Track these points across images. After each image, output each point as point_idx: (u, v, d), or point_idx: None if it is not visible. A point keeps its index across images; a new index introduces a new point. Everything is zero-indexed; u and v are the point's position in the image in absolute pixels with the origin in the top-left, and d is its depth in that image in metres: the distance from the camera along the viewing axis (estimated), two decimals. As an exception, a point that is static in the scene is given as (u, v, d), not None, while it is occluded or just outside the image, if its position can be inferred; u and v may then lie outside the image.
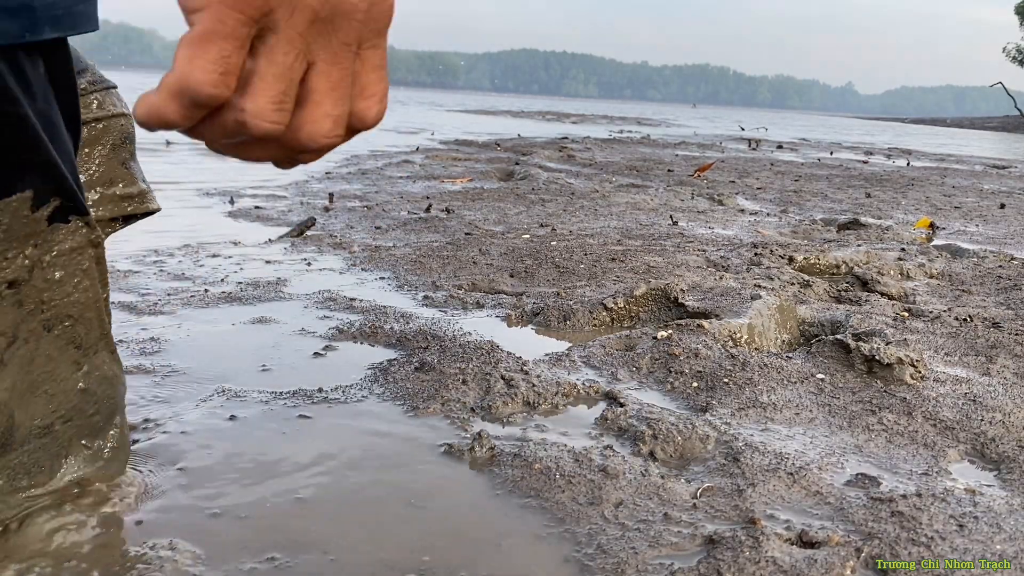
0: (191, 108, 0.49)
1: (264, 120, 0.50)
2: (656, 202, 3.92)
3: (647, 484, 1.01)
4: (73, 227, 0.79)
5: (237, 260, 2.25)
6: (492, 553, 0.86)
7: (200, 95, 0.48)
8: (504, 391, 1.28)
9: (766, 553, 0.84)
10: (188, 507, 0.91)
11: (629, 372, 1.43)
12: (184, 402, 1.21)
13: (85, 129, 1.00)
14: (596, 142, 8.84)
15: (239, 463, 1.02)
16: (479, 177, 4.71)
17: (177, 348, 1.46)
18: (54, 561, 0.78)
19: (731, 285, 1.94)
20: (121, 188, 1.05)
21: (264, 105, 0.49)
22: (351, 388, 1.30)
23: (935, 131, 28.20)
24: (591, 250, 2.50)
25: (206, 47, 0.47)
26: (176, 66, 0.48)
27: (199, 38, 0.47)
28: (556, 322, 1.75)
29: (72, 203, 0.77)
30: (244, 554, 0.83)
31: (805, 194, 4.77)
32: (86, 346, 0.84)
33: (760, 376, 1.39)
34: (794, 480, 1.03)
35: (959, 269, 2.49)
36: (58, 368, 0.81)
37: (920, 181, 6.15)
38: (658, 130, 14.15)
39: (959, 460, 1.16)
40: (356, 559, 0.83)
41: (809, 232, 3.27)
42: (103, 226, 1.05)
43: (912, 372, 1.41)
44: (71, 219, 0.78)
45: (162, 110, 0.48)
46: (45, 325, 0.80)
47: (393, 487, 0.99)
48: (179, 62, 0.48)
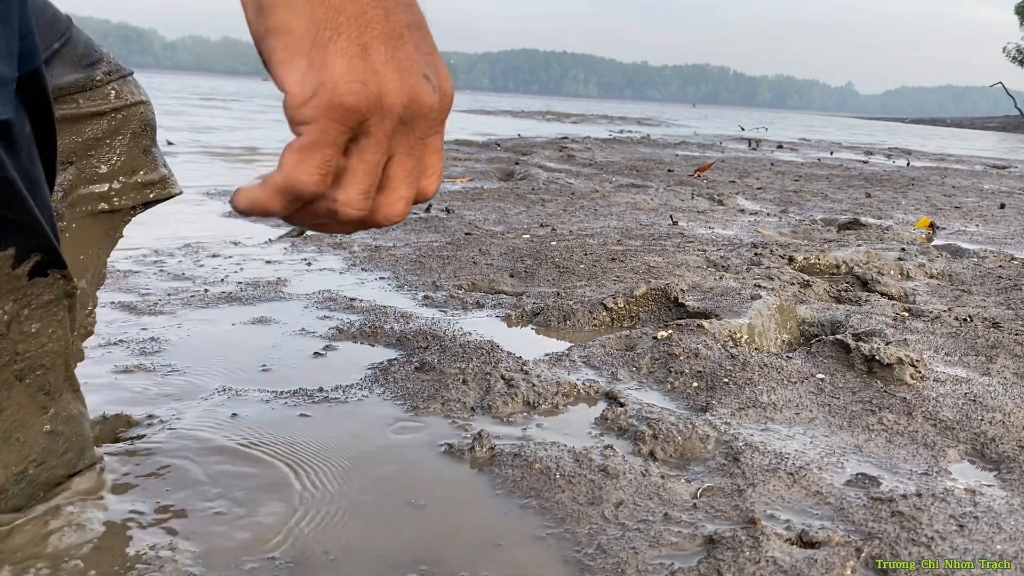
0: (292, 202, 0.58)
1: (353, 208, 0.59)
2: (656, 202, 3.92)
3: (647, 484, 1.01)
4: (51, 280, 0.79)
5: (237, 260, 2.25)
6: (492, 553, 0.86)
7: (304, 193, 0.57)
8: (504, 391, 1.28)
9: (766, 553, 0.84)
10: (188, 507, 0.91)
11: (629, 372, 1.43)
12: (184, 402, 1.21)
13: (104, 120, 1.00)
14: (596, 142, 8.84)
15: (239, 463, 1.02)
16: (479, 177, 4.71)
17: (177, 348, 1.46)
18: (51, 563, 0.78)
19: (731, 285, 1.94)
20: (143, 175, 1.05)
21: (354, 196, 0.58)
22: (351, 388, 1.30)
23: (935, 131, 28.21)
24: (591, 250, 2.50)
25: (312, 153, 0.56)
26: (283, 168, 0.56)
27: (306, 146, 0.56)
28: (556, 322, 1.75)
29: (52, 257, 0.78)
30: (244, 554, 0.83)
31: (805, 194, 4.77)
32: (53, 391, 0.84)
33: (760, 376, 1.39)
34: (794, 480, 1.03)
35: (959, 269, 2.49)
36: (28, 415, 0.81)
37: (920, 181, 6.15)
38: (658, 130, 14.15)
39: (959, 460, 1.16)
40: (356, 558, 0.83)
41: (809, 232, 3.27)
42: (123, 214, 1.05)
43: (912, 372, 1.41)
44: (49, 272, 0.79)
45: (266, 204, 0.58)
46: (17, 375, 0.80)
47: (393, 487, 0.99)
48: (287, 165, 0.56)
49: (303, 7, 0.55)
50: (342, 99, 0.55)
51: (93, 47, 1.00)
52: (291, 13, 0.54)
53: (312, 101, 0.55)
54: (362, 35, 0.56)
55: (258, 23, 0.56)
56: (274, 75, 0.56)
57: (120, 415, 1.13)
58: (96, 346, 1.43)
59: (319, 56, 0.55)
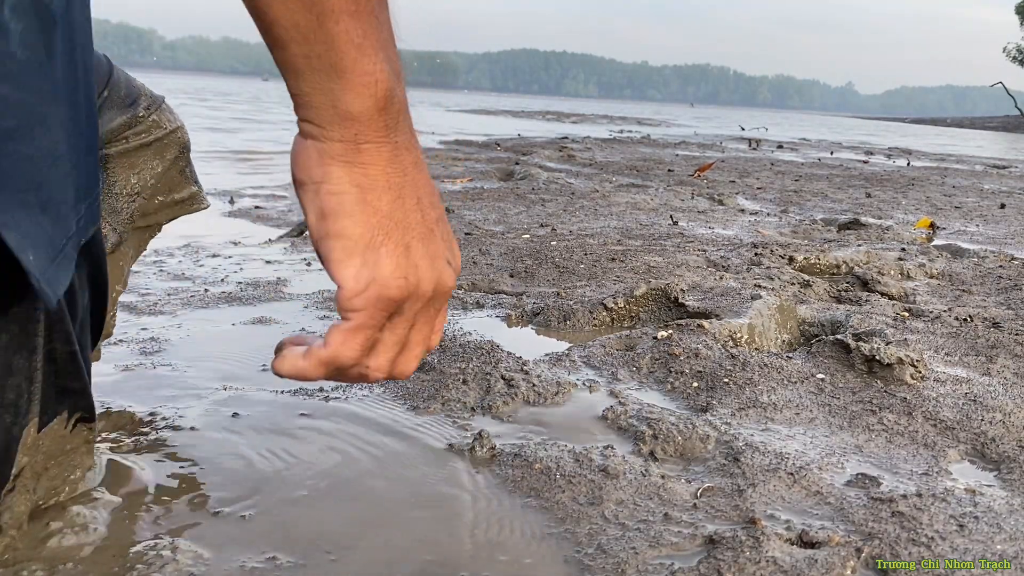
0: (333, 372, 0.68)
1: (382, 373, 0.69)
2: (656, 202, 3.92)
3: (647, 484, 1.01)
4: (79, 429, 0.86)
5: (237, 260, 2.25)
6: (493, 552, 0.86)
7: (345, 365, 0.67)
8: (504, 391, 1.28)
9: (766, 553, 0.84)
10: (189, 507, 0.91)
11: (629, 372, 1.43)
12: (184, 402, 1.21)
13: (150, 150, 1.08)
14: (596, 142, 8.84)
15: (240, 463, 1.02)
16: (479, 177, 4.71)
17: (177, 348, 1.46)
18: (48, 565, 0.78)
19: (731, 285, 1.94)
20: (178, 194, 1.13)
21: (383, 363, 0.69)
22: (351, 387, 1.30)
23: (935, 131, 28.20)
24: (591, 250, 2.49)
25: (357, 335, 0.66)
26: (331, 345, 0.66)
27: (354, 329, 0.66)
28: (556, 322, 1.75)
29: (88, 415, 0.86)
30: (246, 553, 0.83)
31: (805, 194, 4.77)
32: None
33: (760, 376, 1.39)
34: (794, 480, 1.03)
35: (959, 269, 2.49)
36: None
37: (920, 181, 6.15)
38: (658, 130, 14.15)
39: (959, 460, 1.16)
40: (357, 558, 0.83)
41: (809, 232, 3.27)
42: (153, 230, 1.14)
43: (912, 372, 1.41)
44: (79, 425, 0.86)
45: (310, 374, 0.67)
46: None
47: (394, 487, 0.99)
48: (334, 343, 0.66)
49: (361, 216, 0.64)
50: (390, 292, 0.65)
51: (132, 84, 1.06)
52: (351, 221, 0.64)
53: (364, 294, 0.64)
54: (404, 236, 0.66)
55: (320, 227, 0.64)
56: (330, 270, 0.65)
57: (123, 412, 1.13)
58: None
59: (372, 256, 0.64)
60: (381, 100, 0.63)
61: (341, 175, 0.64)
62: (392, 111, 0.64)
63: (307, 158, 0.64)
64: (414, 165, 0.67)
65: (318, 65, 0.61)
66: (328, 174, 0.64)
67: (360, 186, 0.64)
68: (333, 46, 0.60)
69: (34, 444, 0.79)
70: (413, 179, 0.67)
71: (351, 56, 0.61)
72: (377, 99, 0.63)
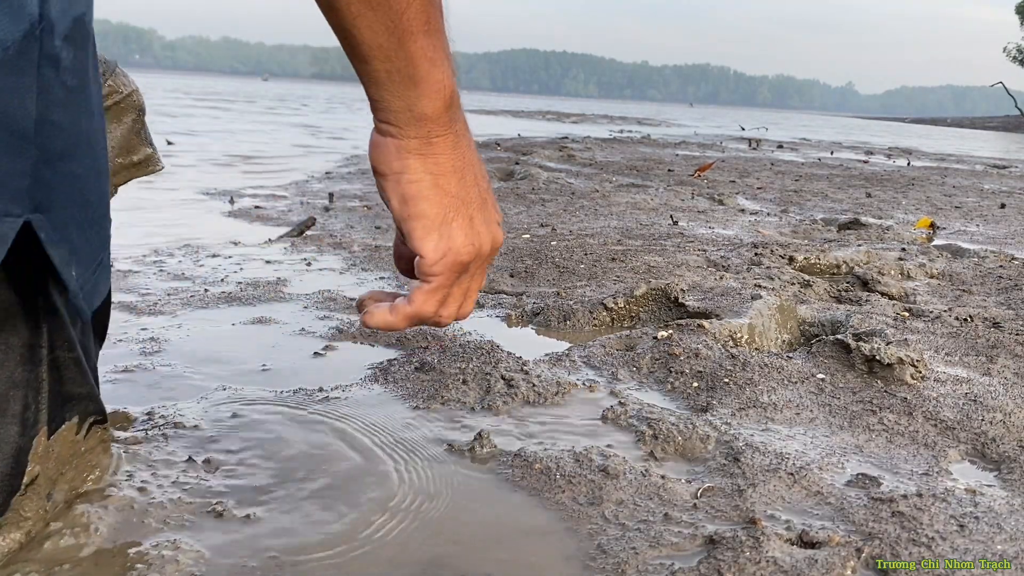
0: (416, 322, 0.82)
1: (451, 319, 0.84)
2: (656, 202, 3.92)
3: (647, 484, 1.01)
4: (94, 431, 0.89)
5: (237, 260, 2.25)
6: (493, 552, 0.86)
7: (426, 320, 0.82)
8: (504, 391, 1.28)
9: (767, 553, 0.84)
10: (189, 507, 0.91)
11: (629, 372, 1.43)
12: (184, 402, 1.21)
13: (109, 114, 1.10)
14: (596, 142, 8.84)
15: (239, 463, 1.02)
16: (479, 177, 4.70)
17: (177, 348, 1.46)
18: (44, 566, 0.78)
19: (731, 285, 1.94)
20: (135, 156, 1.16)
21: (453, 311, 0.83)
22: (351, 388, 1.30)
23: (935, 131, 28.20)
24: (591, 250, 2.49)
25: (436, 294, 0.80)
26: (415, 303, 0.80)
27: (434, 289, 0.80)
28: (556, 322, 1.75)
29: (102, 417, 0.89)
30: (247, 553, 0.83)
31: (805, 194, 4.77)
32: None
33: (760, 376, 1.39)
34: (795, 480, 1.03)
35: (960, 269, 2.49)
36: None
37: (920, 181, 6.15)
38: (658, 130, 14.15)
39: (960, 460, 1.16)
40: (358, 558, 0.83)
41: (809, 232, 3.27)
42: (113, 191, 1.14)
43: (913, 372, 1.41)
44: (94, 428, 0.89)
45: (396, 326, 0.82)
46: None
47: (394, 486, 0.99)
48: (418, 302, 0.80)
49: (435, 199, 0.77)
50: (462, 258, 0.79)
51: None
52: (428, 204, 0.77)
53: (441, 261, 0.78)
54: (468, 210, 0.79)
55: (403, 210, 0.77)
56: (413, 245, 0.78)
57: (123, 413, 1.13)
58: (96, 346, 1.43)
59: (447, 231, 0.78)
60: (448, 101, 0.75)
61: (417, 166, 0.76)
62: (455, 107, 0.76)
63: (387, 153, 0.76)
64: (468, 147, 0.79)
65: (397, 78, 0.72)
66: (406, 166, 0.76)
67: (433, 173, 0.76)
68: (411, 62, 0.71)
69: (45, 452, 0.79)
70: (470, 160, 0.79)
71: (425, 68, 0.72)
72: (445, 101, 0.75)
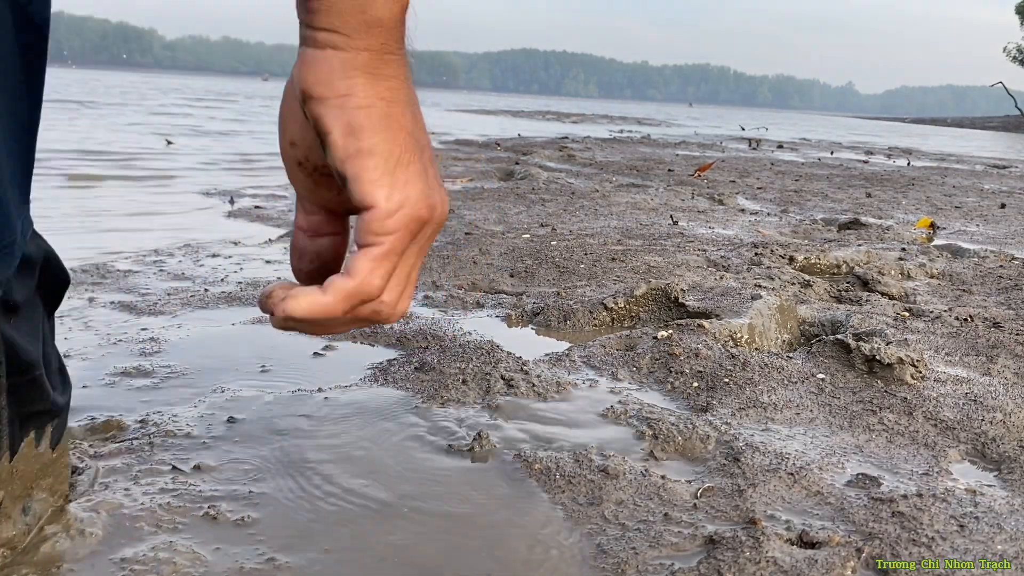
0: (356, 305, 0.62)
1: (392, 308, 0.64)
2: (656, 202, 3.92)
3: (647, 484, 1.00)
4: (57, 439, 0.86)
5: (237, 260, 2.25)
6: (492, 552, 0.85)
7: (370, 296, 0.62)
8: (504, 391, 1.28)
9: (767, 553, 0.84)
10: (188, 507, 0.91)
11: (629, 372, 1.43)
12: (184, 402, 1.20)
13: None
14: (596, 142, 8.84)
15: (239, 463, 1.02)
16: (479, 177, 4.71)
17: (177, 348, 1.45)
18: (40, 569, 0.78)
19: (731, 285, 1.94)
20: None
21: (395, 298, 0.64)
22: (351, 388, 1.30)
23: (935, 131, 28.20)
24: (591, 250, 2.49)
25: (388, 260, 0.61)
26: (358, 274, 0.61)
27: (384, 254, 0.61)
28: (556, 322, 1.75)
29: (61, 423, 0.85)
30: (244, 555, 0.83)
31: (805, 194, 4.77)
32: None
33: (760, 376, 1.39)
34: (795, 480, 1.03)
35: (960, 269, 2.49)
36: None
37: (920, 181, 6.15)
38: (658, 130, 14.15)
39: (960, 460, 1.16)
40: (356, 558, 0.83)
41: (809, 232, 3.27)
42: None
43: (913, 372, 1.40)
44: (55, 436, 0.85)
45: (332, 310, 0.61)
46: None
47: (393, 487, 0.99)
48: (362, 272, 0.61)
49: (388, 132, 0.61)
50: (420, 213, 0.62)
51: None
52: (380, 138, 0.60)
53: (398, 214, 0.61)
54: (422, 157, 0.63)
55: (348, 144, 0.60)
56: (361, 190, 0.60)
57: (122, 413, 1.12)
58: (96, 346, 1.43)
59: (402, 176, 0.61)
60: (405, 4, 0.62)
61: (367, 88, 0.60)
62: (405, 20, 0.62)
63: (328, 70, 0.60)
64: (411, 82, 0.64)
65: None
66: (353, 86, 0.60)
67: (385, 99, 0.61)
68: None
69: (8, 476, 0.78)
70: (417, 100, 0.65)
71: None
72: (402, 4, 0.61)
